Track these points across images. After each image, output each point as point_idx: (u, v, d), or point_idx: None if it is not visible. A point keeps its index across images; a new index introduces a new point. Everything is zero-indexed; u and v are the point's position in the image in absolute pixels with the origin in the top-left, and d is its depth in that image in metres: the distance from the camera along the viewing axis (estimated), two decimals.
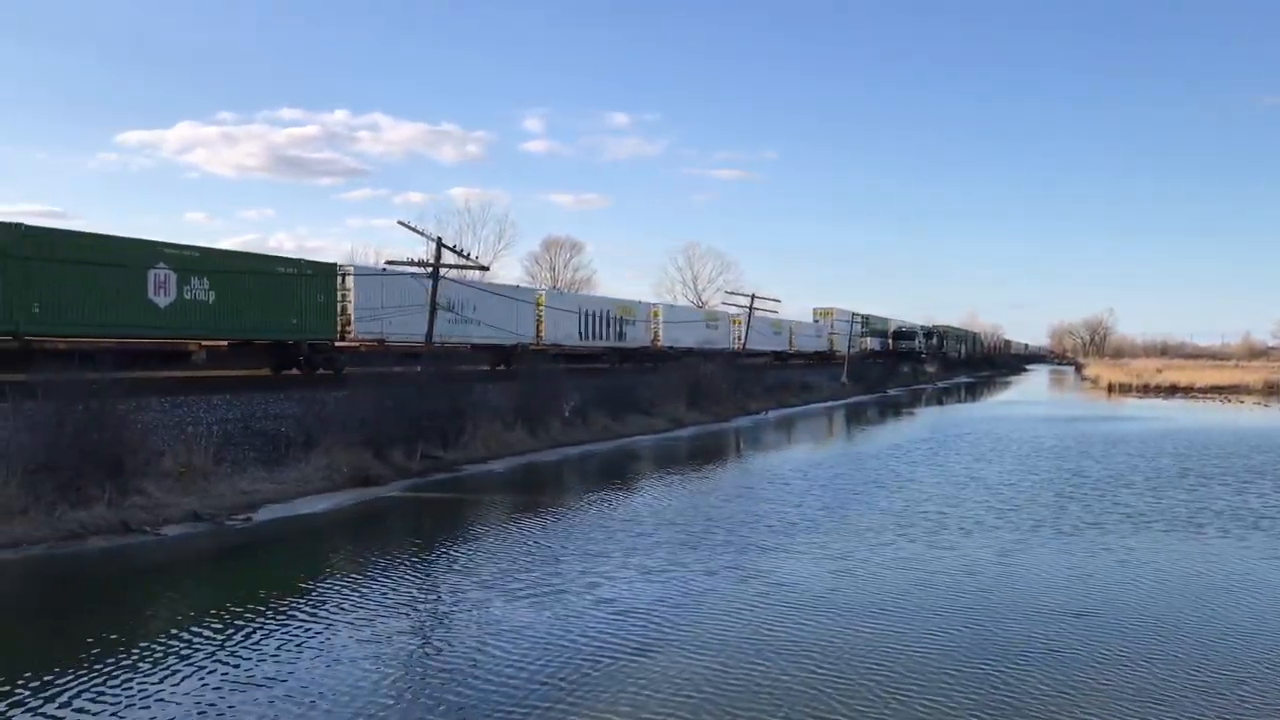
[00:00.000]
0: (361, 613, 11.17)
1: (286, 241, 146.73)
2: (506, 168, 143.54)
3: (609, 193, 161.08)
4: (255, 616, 10.98)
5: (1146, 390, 74.30)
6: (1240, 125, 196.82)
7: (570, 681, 8.94)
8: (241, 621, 10.77)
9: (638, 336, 50.48)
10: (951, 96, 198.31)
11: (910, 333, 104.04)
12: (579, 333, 44.35)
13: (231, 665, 9.29)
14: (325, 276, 28.80)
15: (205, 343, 25.00)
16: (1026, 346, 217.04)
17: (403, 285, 30.81)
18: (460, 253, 30.56)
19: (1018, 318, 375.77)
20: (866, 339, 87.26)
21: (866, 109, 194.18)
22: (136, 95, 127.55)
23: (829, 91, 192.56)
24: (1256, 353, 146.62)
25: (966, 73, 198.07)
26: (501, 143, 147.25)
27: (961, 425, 40.75)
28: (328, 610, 11.28)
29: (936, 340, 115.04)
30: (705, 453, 29.60)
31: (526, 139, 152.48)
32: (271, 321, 26.36)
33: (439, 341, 30.43)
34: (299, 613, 11.16)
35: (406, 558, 14.30)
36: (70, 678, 8.87)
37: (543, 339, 40.80)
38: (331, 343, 28.97)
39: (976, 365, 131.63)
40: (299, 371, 28.29)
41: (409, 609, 11.47)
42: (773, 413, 45.88)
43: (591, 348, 45.76)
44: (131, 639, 10.13)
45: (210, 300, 24.19)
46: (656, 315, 53.51)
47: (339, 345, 29.38)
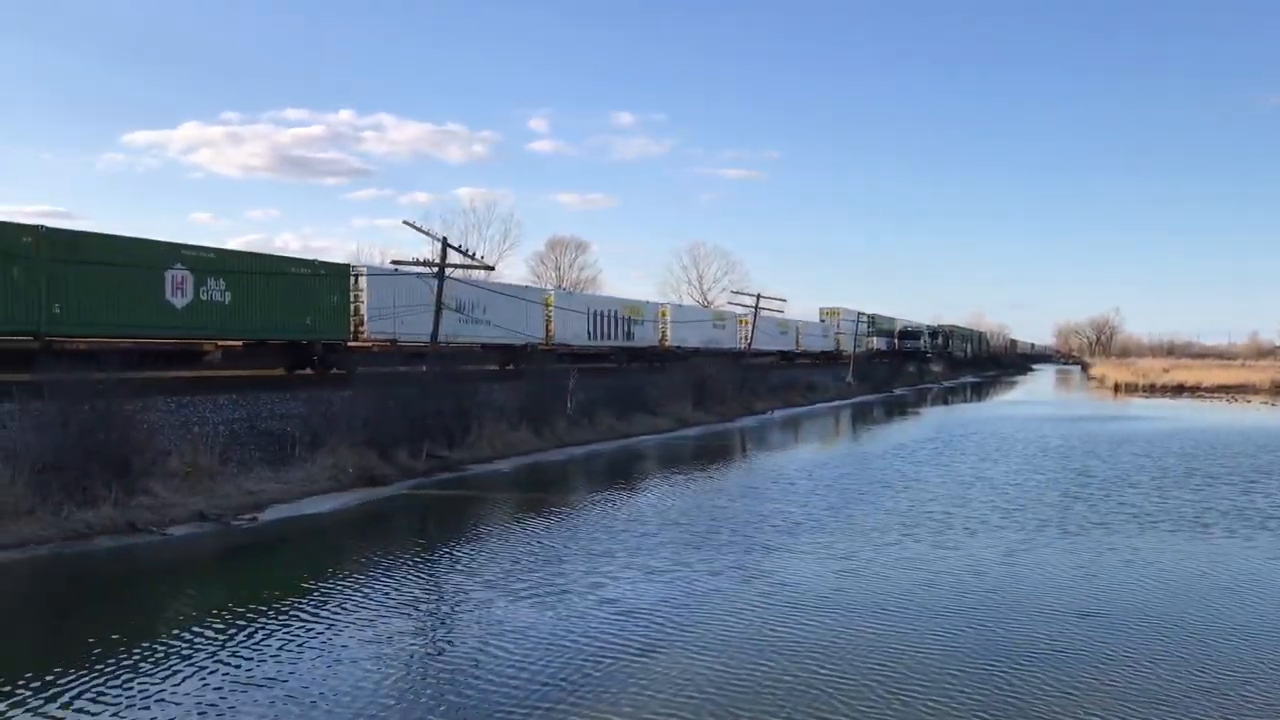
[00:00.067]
0: (364, 613, 11.19)
1: (292, 241, 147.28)
2: (512, 167, 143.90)
3: (614, 192, 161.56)
4: (259, 616, 11.00)
5: (1153, 390, 74.07)
6: (1246, 124, 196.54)
7: (572, 682, 8.93)
8: (244, 621, 10.79)
9: (646, 336, 50.46)
10: (956, 96, 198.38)
11: (916, 332, 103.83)
12: (588, 333, 44.37)
13: (233, 665, 9.30)
14: (338, 277, 28.94)
15: (221, 343, 25.12)
16: (1032, 346, 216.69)
17: (415, 286, 30.85)
18: (465, 252, 30.59)
19: (1023, 317, 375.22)
20: (873, 339, 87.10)
21: (872, 108, 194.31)
22: (142, 95, 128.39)
23: (834, 91, 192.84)
24: (1264, 352, 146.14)
25: (970, 72, 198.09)
26: (507, 143, 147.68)
27: (967, 425, 40.68)
28: (331, 610, 11.30)
29: (942, 340, 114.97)
30: (710, 453, 29.59)
31: (532, 139, 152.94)
32: (286, 322, 26.45)
33: (450, 341, 30.57)
34: (302, 613, 11.18)
35: (410, 558, 14.34)
36: (72, 677, 8.89)
37: (552, 339, 40.86)
38: (345, 343, 29.05)
39: (982, 365, 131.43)
40: (312, 371, 28.37)
41: (412, 609, 11.49)
42: (778, 412, 45.86)
43: (600, 348, 45.78)
44: (135, 639, 10.15)
45: (226, 301, 24.29)
46: (664, 315, 53.46)
47: (352, 345, 29.46)
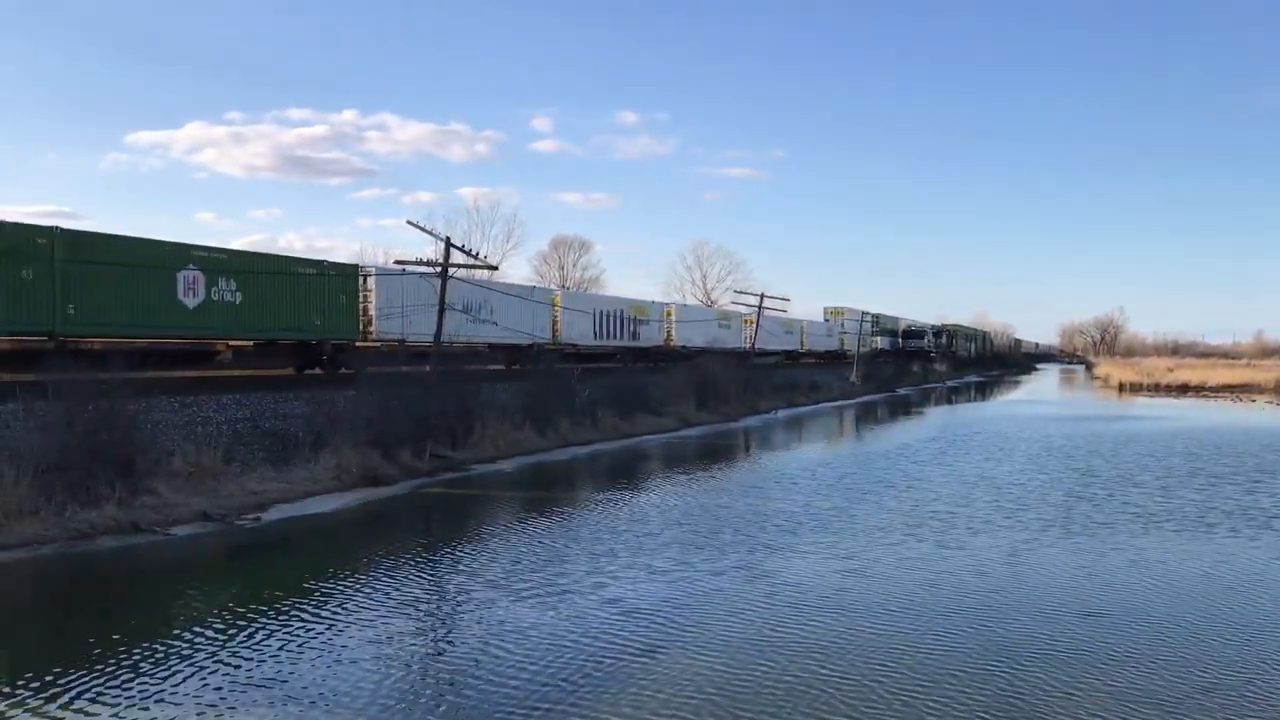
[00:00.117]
0: (366, 613, 11.19)
1: (295, 241, 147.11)
2: (515, 167, 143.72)
3: (618, 192, 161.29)
4: (260, 616, 11.01)
5: (1157, 389, 73.91)
6: (1250, 122, 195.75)
7: (573, 682, 8.92)
8: (245, 621, 10.80)
9: (651, 336, 50.50)
10: (959, 95, 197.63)
11: (920, 332, 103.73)
12: (594, 332, 44.46)
13: (233, 665, 9.31)
14: (347, 277, 29.13)
15: (232, 343, 25.23)
16: (1037, 345, 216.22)
17: (422, 286, 30.92)
18: (469, 252, 30.57)
19: (1028, 317, 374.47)
20: (877, 338, 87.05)
21: (875, 107, 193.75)
22: (146, 95, 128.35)
23: (838, 90, 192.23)
24: (1268, 351, 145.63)
25: (974, 72, 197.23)
26: (510, 142, 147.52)
27: (971, 424, 40.62)
28: (332, 610, 11.31)
29: (946, 339, 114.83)
30: (713, 452, 29.58)
31: (535, 138, 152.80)
32: (296, 322, 26.59)
33: (457, 340, 30.63)
34: (303, 612, 11.19)
35: (412, 558, 14.35)
36: (72, 677, 8.90)
37: (559, 339, 40.96)
38: (353, 343, 29.19)
39: (987, 364, 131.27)
40: (321, 371, 28.48)
41: (413, 609, 11.49)
42: (782, 412, 45.84)
43: (606, 347, 45.87)
44: (136, 639, 10.16)
45: (237, 301, 24.43)
46: (670, 315, 53.51)
47: (360, 345, 29.59)
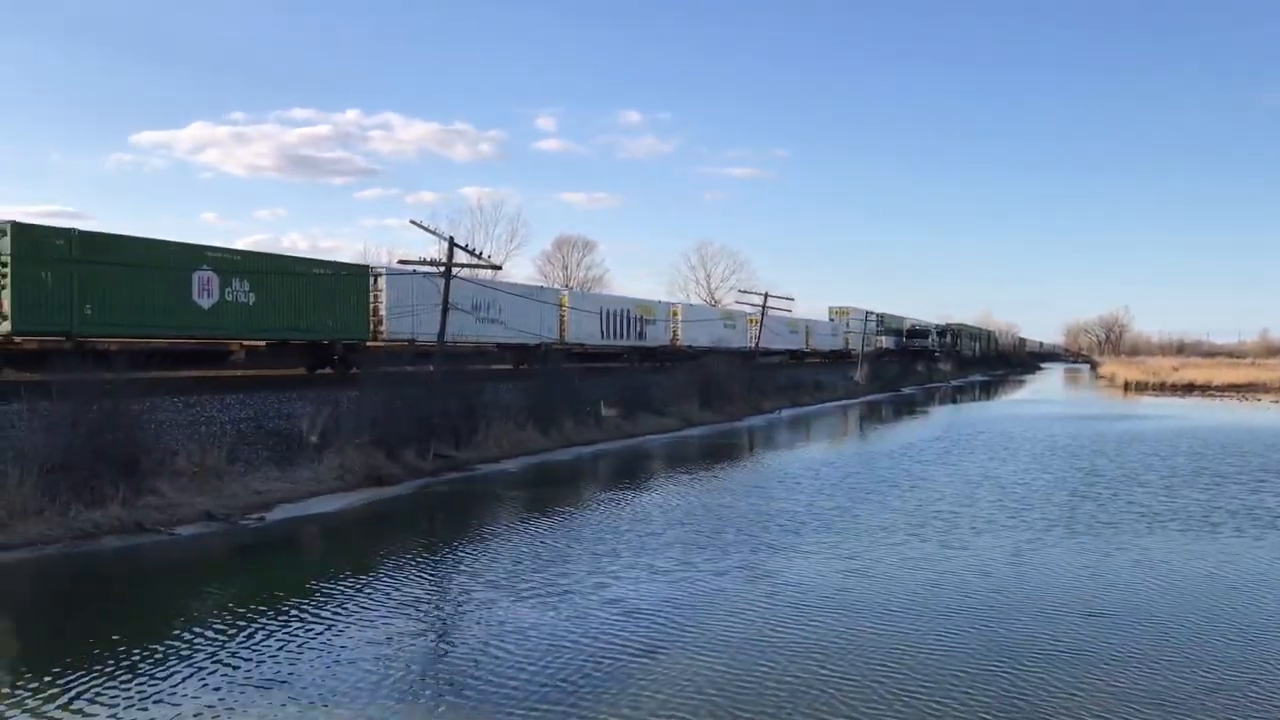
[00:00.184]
0: (367, 613, 11.20)
1: (299, 241, 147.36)
2: (518, 167, 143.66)
3: (621, 191, 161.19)
4: (261, 616, 11.02)
5: (1162, 388, 73.73)
6: (1256, 121, 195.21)
7: (574, 682, 8.92)
8: (245, 621, 10.81)
9: (658, 336, 50.58)
10: (959, 95, 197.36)
11: (924, 331, 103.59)
12: (601, 332, 44.55)
13: (234, 665, 9.32)
14: (358, 278, 29.33)
15: (245, 343, 25.38)
16: (1041, 345, 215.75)
17: (431, 286, 31.00)
18: (472, 252, 30.60)
19: (1032, 316, 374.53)
20: (881, 338, 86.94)
21: (878, 107, 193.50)
22: (150, 95, 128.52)
23: (838, 90, 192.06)
24: (1274, 350, 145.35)
25: (974, 72, 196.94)
26: (514, 142, 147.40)
27: (975, 424, 40.57)
28: (333, 610, 11.31)
29: (951, 338, 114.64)
30: (716, 452, 29.57)
31: (539, 138, 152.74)
32: (308, 322, 26.71)
33: (466, 340, 30.66)
34: (305, 612, 11.20)
35: (415, 557, 14.35)
36: (73, 677, 8.92)
37: (566, 338, 41.06)
38: (364, 343, 29.34)
39: (991, 363, 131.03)
40: (332, 371, 28.61)
41: (415, 609, 11.49)
42: (786, 412, 45.80)
43: (613, 347, 45.96)
44: (137, 638, 10.17)
45: (250, 302, 24.55)
46: (676, 315, 53.61)
47: (371, 345, 29.72)
